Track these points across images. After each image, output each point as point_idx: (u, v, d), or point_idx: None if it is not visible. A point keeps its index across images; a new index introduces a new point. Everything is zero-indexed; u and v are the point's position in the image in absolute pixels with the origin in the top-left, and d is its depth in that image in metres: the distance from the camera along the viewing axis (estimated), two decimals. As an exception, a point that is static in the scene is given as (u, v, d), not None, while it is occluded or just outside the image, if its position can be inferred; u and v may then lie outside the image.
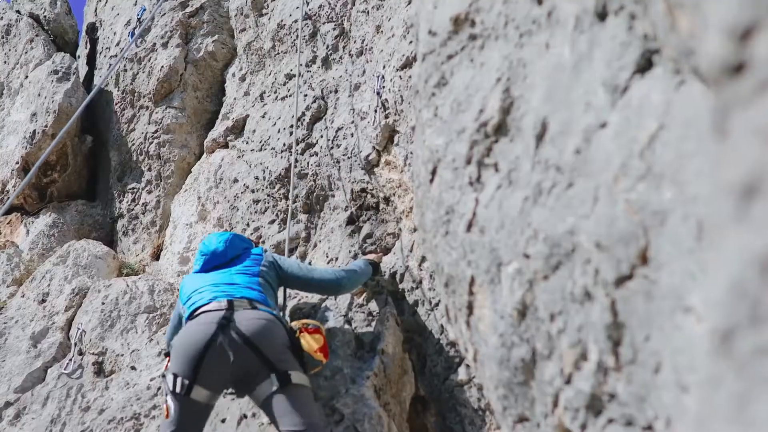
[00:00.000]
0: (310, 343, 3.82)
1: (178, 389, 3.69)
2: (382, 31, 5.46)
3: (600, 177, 1.54)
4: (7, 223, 8.12)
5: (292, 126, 5.88)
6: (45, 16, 9.49)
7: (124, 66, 8.19)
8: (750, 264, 0.76)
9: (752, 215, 0.77)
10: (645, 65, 1.50)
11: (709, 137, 0.99)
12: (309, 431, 3.57)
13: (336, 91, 5.77)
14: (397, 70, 4.91)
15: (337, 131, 5.51)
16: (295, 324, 3.95)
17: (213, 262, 4.41)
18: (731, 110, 0.83)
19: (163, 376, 3.95)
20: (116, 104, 8.18)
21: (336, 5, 6.12)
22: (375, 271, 4.61)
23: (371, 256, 4.70)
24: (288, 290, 4.61)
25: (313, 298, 4.70)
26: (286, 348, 3.78)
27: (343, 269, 4.45)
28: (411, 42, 4.81)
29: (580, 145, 1.64)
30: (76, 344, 5.64)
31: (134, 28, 8.26)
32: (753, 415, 0.73)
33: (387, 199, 4.93)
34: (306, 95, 5.99)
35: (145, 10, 8.27)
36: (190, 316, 3.95)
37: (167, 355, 4.17)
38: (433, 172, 2.37)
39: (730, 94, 0.83)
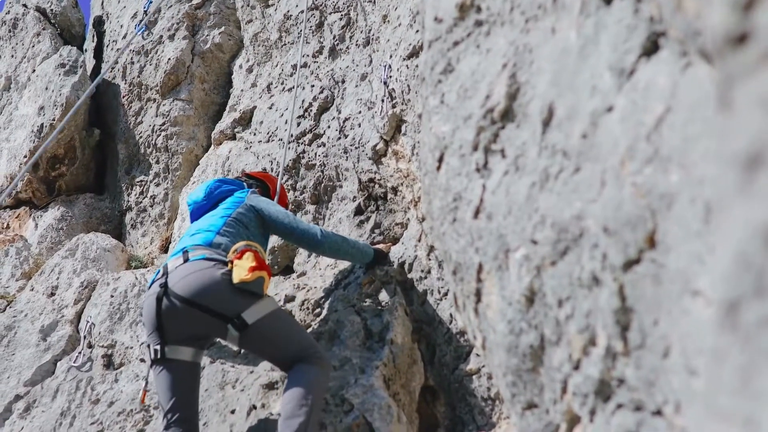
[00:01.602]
0: (239, 270, 3.62)
1: (153, 356, 3.75)
2: (388, 21, 5.45)
3: (607, 161, 1.54)
4: (16, 217, 8.15)
5: (298, 117, 5.88)
6: (52, 10, 9.47)
7: (131, 59, 8.20)
8: (755, 235, 0.75)
9: (757, 186, 0.76)
10: (651, 48, 1.49)
11: (714, 110, 0.99)
12: (294, 367, 3.59)
13: (343, 81, 5.76)
14: (404, 59, 4.89)
15: (344, 121, 5.50)
16: (229, 256, 3.78)
17: (197, 212, 4.45)
18: (735, 81, 0.82)
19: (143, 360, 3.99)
20: (123, 97, 8.18)
21: (342, -5, 6.12)
22: (383, 261, 4.61)
23: (380, 246, 4.71)
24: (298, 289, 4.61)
25: (322, 290, 4.71)
26: (229, 288, 3.66)
27: (334, 233, 4.44)
28: (417, 31, 4.79)
29: (586, 129, 1.63)
30: (85, 337, 5.65)
31: (140, 21, 8.26)
32: (758, 388, 0.73)
33: (395, 189, 4.93)
34: (313, 86, 5.99)
35: (151, 2, 8.26)
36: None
37: None
38: (440, 160, 2.36)
39: (734, 64, 0.82)
